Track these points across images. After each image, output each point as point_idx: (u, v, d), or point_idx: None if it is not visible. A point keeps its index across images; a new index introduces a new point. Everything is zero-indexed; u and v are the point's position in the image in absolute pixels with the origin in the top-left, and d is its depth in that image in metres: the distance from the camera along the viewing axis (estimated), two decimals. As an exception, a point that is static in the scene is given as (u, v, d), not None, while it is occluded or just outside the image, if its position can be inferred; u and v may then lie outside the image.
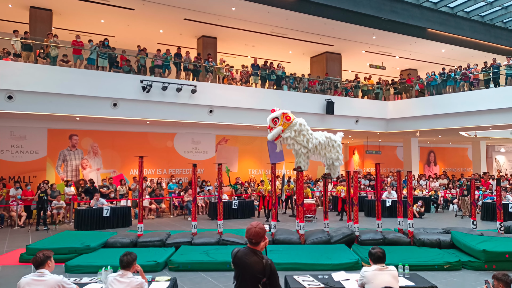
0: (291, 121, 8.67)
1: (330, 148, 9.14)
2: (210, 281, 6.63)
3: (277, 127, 8.62)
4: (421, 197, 15.37)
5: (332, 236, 8.83)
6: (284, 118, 8.65)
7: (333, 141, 9.21)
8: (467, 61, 19.47)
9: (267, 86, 17.03)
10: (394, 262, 5.21)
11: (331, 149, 9.15)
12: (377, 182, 9.72)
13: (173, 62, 15.20)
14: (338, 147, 9.25)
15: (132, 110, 13.66)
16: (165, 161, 16.81)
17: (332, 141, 9.19)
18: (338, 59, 20.62)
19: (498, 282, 3.88)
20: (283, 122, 8.63)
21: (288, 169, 14.97)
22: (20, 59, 12.64)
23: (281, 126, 8.60)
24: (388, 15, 16.91)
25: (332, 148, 9.16)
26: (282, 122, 8.62)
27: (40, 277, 3.78)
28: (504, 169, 27.77)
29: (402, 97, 19.47)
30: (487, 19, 19.54)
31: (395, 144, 25.49)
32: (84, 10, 14.84)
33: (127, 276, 4.02)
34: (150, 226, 11.96)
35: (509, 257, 7.10)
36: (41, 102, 12.22)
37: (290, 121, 8.66)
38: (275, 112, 8.77)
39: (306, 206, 12.72)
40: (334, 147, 9.19)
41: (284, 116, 8.66)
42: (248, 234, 3.19)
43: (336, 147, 9.22)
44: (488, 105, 15.41)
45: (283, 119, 8.65)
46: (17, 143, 14.15)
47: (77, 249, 7.98)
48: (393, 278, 4.17)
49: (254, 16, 15.60)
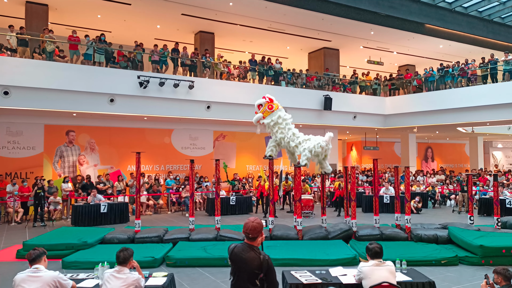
0: (272, 111, 9.43)
1: (299, 150, 9.30)
2: (207, 277, 6.63)
3: (258, 113, 9.53)
4: (418, 193, 15.41)
5: (330, 231, 8.84)
6: (267, 107, 9.45)
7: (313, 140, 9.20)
8: (465, 56, 19.50)
9: (264, 82, 16.99)
10: (392, 258, 5.21)
11: (299, 150, 9.30)
12: (374, 178, 9.72)
13: (170, 58, 15.12)
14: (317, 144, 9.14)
15: (129, 106, 13.61)
16: (163, 157, 16.77)
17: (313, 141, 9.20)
18: (336, 55, 20.58)
19: (498, 275, 3.92)
20: (265, 110, 9.47)
21: (286, 165, 14.96)
22: (16, 54, 12.56)
23: (261, 114, 9.48)
24: (386, 11, 16.86)
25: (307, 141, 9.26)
26: (264, 110, 9.47)
27: (36, 273, 3.75)
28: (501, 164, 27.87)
29: (399, 93, 19.48)
30: (485, 14, 19.52)
31: (392, 140, 25.54)
32: (80, 5, 14.74)
33: (123, 272, 3.99)
34: (148, 222, 11.94)
35: (506, 252, 7.12)
36: (37, 98, 12.17)
37: (271, 110, 9.44)
38: (262, 99, 9.59)
39: (303, 202, 12.73)
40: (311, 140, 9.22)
41: (267, 105, 9.45)
42: (245, 228, 3.18)
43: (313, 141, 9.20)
44: (485, 100, 15.43)
45: (265, 107, 9.47)
46: (14, 139, 14.07)
47: (74, 245, 7.95)
48: (391, 274, 4.18)
49: (252, 11, 15.52)
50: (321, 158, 9.39)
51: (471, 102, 15.85)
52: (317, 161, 9.56)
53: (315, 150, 9.10)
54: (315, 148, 9.09)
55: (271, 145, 9.61)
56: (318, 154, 9.21)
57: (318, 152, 9.16)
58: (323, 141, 9.18)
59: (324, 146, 9.16)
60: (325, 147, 9.20)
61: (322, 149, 9.16)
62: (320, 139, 9.27)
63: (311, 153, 9.12)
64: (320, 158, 9.38)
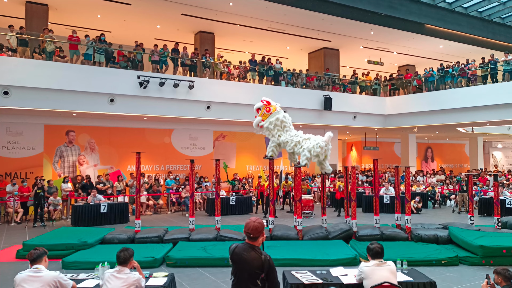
0: (270, 113, 9.40)
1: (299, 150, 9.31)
2: (208, 277, 6.62)
3: (257, 116, 9.52)
4: (418, 193, 15.41)
5: (330, 232, 8.83)
6: (265, 110, 9.41)
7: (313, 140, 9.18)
8: (465, 57, 19.48)
9: (264, 82, 16.99)
10: (392, 258, 5.20)
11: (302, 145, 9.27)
12: (375, 178, 9.72)
13: (170, 58, 15.12)
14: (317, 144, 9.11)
15: (129, 106, 13.60)
16: (163, 157, 16.76)
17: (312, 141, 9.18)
18: (336, 55, 20.58)
19: (498, 276, 3.93)
20: (263, 113, 9.44)
21: (286, 165, 14.96)
22: (16, 54, 12.55)
23: (260, 117, 9.47)
24: (386, 11, 16.86)
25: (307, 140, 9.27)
26: (263, 113, 9.44)
27: (36, 273, 3.74)
28: (501, 165, 27.87)
29: (399, 93, 19.48)
30: (485, 14, 19.52)
31: (392, 140, 25.54)
32: (80, 5, 14.73)
33: (124, 272, 3.99)
34: (148, 222, 11.92)
35: (506, 252, 7.12)
36: (37, 98, 12.16)
37: (269, 113, 9.40)
38: (260, 103, 9.56)
39: (304, 202, 12.72)
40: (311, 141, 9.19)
41: (265, 108, 9.42)
42: (247, 228, 3.17)
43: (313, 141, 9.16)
44: (485, 101, 15.43)
45: (263, 110, 9.44)
46: (14, 139, 14.06)
47: (74, 245, 7.94)
48: (391, 274, 4.17)
49: (252, 11, 15.52)
50: (322, 159, 9.36)
51: (471, 102, 15.85)
52: (317, 162, 9.54)
53: (315, 150, 9.07)
54: (315, 148, 9.06)
55: (272, 145, 9.60)
56: (318, 154, 9.17)
57: (318, 152, 9.12)
58: (322, 141, 9.15)
59: (323, 146, 9.13)
60: (324, 147, 9.17)
61: (321, 149, 9.13)
62: (319, 139, 9.24)
63: (311, 153, 9.09)
64: (321, 159, 9.35)
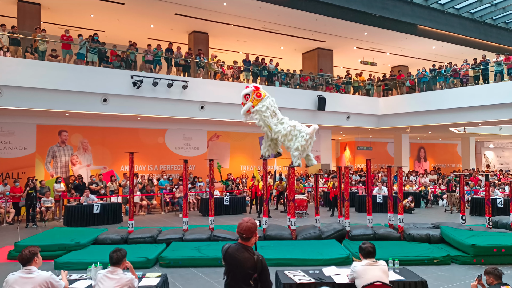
0: (261, 98, 9.12)
1: (292, 137, 8.96)
2: (201, 277, 6.62)
3: (247, 102, 9.12)
4: (411, 193, 15.51)
5: (323, 231, 8.87)
6: (255, 95, 9.12)
7: (297, 130, 8.95)
8: (457, 57, 19.65)
9: (258, 82, 16.99)
10: (384, 257, 5.24)
11: (292, 137, 8.95)
12: (368, 178, 9.78)
13: (164, 58, 15.08)
14: (301, 138, 8.86)
15: (122, 106, 13.55)
16: (156, 157, 16.71)
17: (296, 131, 8.95)
18: (330, 55, 20.66)
19: (489, 276, 3.99)
20: (254, 98, 9.10)
21: (280, 165, 14.99)
22: (8, 53, 12.43)
23: (251, 102, 9.08)
24: (379, 12, 16.96)
25: (294, 137, 8.95)
26: (253, 98, 9.10)
27: (28, 274, 3.72)
28: (492, 164, 28.14)
29: (392, 94, 19.61)
30: (477, 16, 19.71)
31: (386, 140, 25.69)
32: (73, 4, 14.63)
33: (117, 272, 3.98)
34: (141, 222, 11.88)
35: (497, 252, 7.20)
36: (30, 98, 12.06)
37: (260, 98, 9.12)
38: (247, 88, 9.23)
39: (297, 201, 12.76)
40: (297, 137, 8.91)
41: (255, 93, 9.13)
42: (240, 228, 3.19)
43: (299, 137, 8.90)
44: (477, 101, 15.58)
45: (253, 95, 9.11)
46: (6, 139, 13.94)
47: (66, 246, 7.90)
48: (383, 273, 4.21)
49: (246, 11, 15.53)
50: (307, 151, 9.09)
51: (463, 102, 16.00)
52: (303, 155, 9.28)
53: (300, 144, 8.83)
54: (300, 143, 8.81)
55: (266, 144, 9.47)
56: (304, 148, 8.94)
57: (303, 145, 8.86)
58: (306, 133, 8.85)
59: (307, 138, 8.86)
60: (309, 140, 8.91)
61: (306, 142, 8.88)
62: (304, 130, 8.94)
63: (299, 151, 8.84)
64: (306, 152, 9.08)
